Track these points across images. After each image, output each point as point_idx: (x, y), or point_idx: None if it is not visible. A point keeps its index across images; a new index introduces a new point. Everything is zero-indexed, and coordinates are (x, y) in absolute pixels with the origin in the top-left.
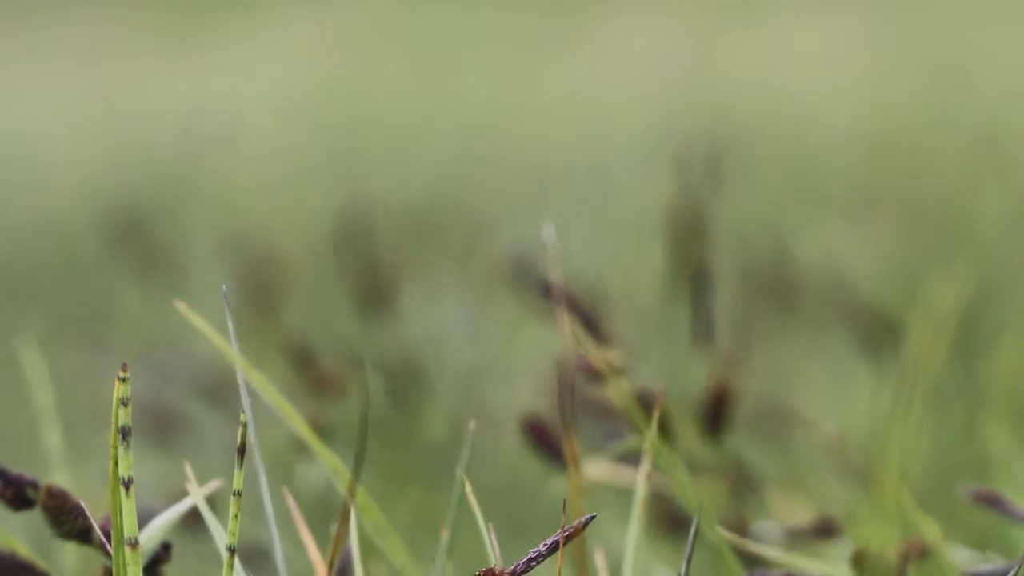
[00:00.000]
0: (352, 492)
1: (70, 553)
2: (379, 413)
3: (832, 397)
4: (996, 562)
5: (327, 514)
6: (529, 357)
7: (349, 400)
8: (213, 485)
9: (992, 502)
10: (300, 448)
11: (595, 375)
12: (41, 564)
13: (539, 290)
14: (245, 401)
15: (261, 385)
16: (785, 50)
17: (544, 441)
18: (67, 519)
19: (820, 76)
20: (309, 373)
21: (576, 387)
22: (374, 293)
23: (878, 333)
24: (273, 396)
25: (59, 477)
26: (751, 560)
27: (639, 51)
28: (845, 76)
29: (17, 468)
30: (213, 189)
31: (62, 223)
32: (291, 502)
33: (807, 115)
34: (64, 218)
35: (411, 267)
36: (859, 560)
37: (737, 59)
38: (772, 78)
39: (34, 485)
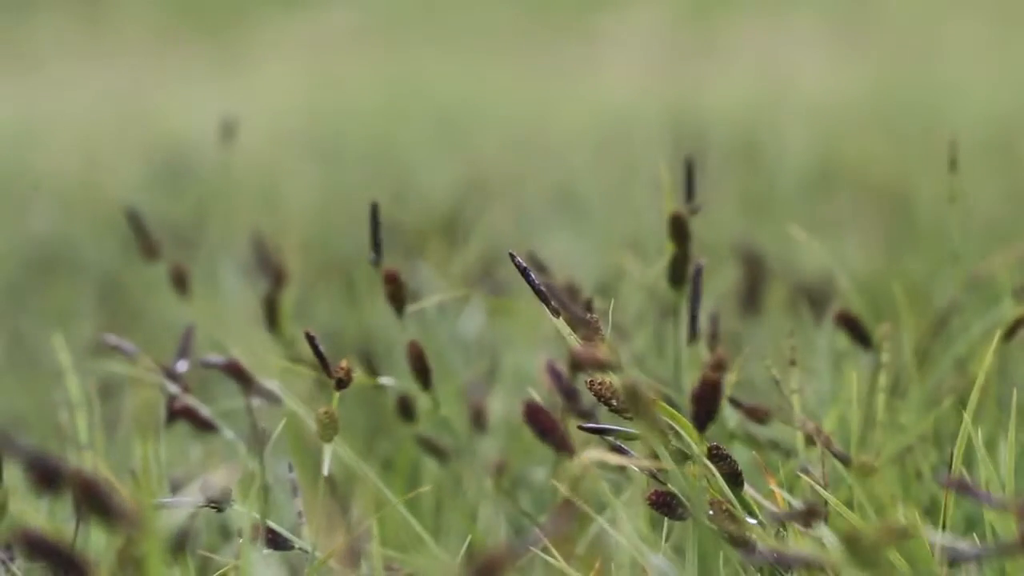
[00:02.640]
0: (366, 479)
1: (98, 534)
2: (391, 404)
3: (815, 389)
4: (973, 546)
5: (344, 499)
6: (531, 351)
7: (362, 391)
8: (236, 470)
9: (963, 488)
10: (319, 436)
11: (594, 368)
12: (71, 544)
13: (539, 288)
14: (266, 391)
15: (281, 376)
16: (758, 50)
17: (545, 429)
18: (96, 502)
19: (788, 74)
20: (325, 363)
21: (576, 379)
22: (388, 289)
23: (856, 329)
24: (291, 388)
25: (87, 461)
26: (741, 543)
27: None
28: (815, 74)
29: (45, 451)
30: (229, 187)
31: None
32: (310, 487)
33: (779, 114)
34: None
35: (421, 263)
36: (850, 541)
37: (707, 60)
38: (743, 78)
39: (65, 469)
